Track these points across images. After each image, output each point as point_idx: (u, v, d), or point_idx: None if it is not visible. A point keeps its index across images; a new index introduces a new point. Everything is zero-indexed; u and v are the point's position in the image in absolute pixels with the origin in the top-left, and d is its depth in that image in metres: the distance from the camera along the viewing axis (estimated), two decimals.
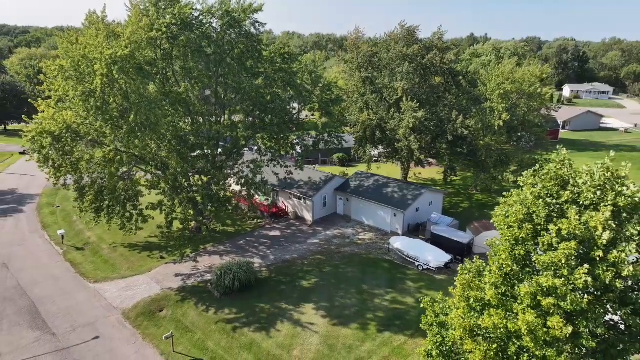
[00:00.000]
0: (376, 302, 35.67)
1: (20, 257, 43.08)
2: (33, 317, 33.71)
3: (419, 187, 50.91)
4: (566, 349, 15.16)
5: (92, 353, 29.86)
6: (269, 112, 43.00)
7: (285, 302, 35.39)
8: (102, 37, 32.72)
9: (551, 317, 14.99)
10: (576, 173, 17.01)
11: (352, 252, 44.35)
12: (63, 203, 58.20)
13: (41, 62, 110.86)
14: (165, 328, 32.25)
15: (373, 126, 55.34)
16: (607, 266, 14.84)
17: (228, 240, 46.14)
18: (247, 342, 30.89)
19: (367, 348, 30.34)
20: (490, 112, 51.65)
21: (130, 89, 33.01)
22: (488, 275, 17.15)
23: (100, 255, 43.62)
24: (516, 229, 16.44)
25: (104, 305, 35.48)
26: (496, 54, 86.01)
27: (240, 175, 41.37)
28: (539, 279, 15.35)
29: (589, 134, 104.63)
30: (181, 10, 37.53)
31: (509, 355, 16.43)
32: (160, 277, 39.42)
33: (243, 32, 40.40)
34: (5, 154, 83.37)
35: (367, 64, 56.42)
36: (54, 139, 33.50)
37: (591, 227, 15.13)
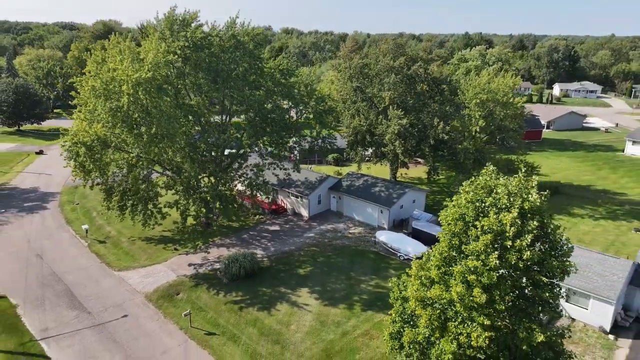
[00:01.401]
0: (362, 286, 41.69)
1: (51, 249, 49.02)
2: (70, 299, 39.72)
3: (404, 187, 56.88)
4: (485, 311, 21.09)
5: (123, 328, 35.90)
6: (269, 121, 48.78)
7: (283, 287, 41.41)
8: (128, 62, 38.41)
9: (474, 289, 20.93)
10: (498, 184, 22.79)
11: (342, 245, 50.34)
12: (82, 200, 64.05)
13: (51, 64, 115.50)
14: (182, 308, 38.24)
15: (363, 131, 61.22)
16: (513, 252, 20.79)
17: (233, 234, 52.14)
18: (251, 319, 36.92)
19: (352, 323, 36.39)
20: (469, 118, 57.47)
21: (152, 105, 38.81)
22: (433, 259, 23.10)
23: (120, 247, 49.59)
24: (453, 225, 22.36)
25: (129, 289, 41.48)
26: (482, 59, 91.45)
27: (245, 177, 47.25)
28: (466, 262, 21.28)
29: (572, 134, 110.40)
30: (193, 35, 43.24)
31: (447, 317, 22.41)
32: (175, 266, 45.40)
33: (247, 52, 46.04)
34: (22, 154, 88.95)
35: (358, 74, 62.12)
36: (87, 148, 39.31)
37: (504, 224, 21.03)
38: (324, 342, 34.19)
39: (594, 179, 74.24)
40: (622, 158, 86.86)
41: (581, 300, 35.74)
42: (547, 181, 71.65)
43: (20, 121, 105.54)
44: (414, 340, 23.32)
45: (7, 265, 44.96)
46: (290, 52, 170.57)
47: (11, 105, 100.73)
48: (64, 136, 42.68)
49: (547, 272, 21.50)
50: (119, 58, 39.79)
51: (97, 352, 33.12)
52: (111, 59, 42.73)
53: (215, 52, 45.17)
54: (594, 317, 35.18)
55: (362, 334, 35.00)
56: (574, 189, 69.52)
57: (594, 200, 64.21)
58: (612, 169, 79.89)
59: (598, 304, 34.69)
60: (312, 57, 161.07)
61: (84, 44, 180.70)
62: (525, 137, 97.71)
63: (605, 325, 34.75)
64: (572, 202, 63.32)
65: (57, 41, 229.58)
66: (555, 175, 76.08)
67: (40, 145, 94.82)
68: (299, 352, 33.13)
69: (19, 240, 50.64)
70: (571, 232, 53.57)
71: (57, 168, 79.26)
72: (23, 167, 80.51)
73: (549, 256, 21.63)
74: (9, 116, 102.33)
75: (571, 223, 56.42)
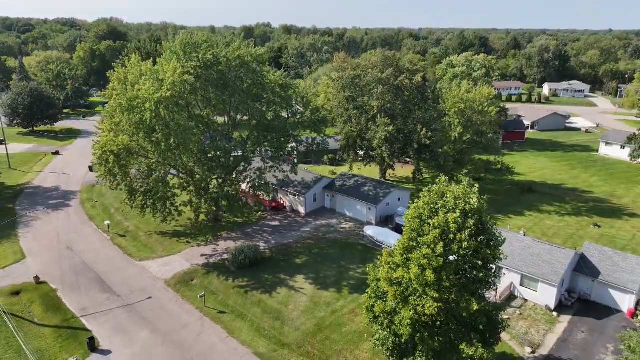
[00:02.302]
0: (350, 273, 48.62)
1: (79, 242, 55.87)
2: (101, 284, 46.63)
3: (390, 186, 63.73)
4: (435, 287, 27.90)
5: (149, 308, 42.82)
6: (270, 129, 55.48)
7: (283, 274, 48.34)
8: (150, 83, 45.02)
9: (426, 270, 27.74)
10: (447, 190, 29.52)
11: (335, 238, 57.24)
12: (100, 198, 70.81)
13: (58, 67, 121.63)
14: (197, 291, 45.10)
15: (355, 136, 67.98)
16: (456, 242, 27.60)
17: (239, 229, 59.00)
18: (256, 300, 43.84)
19: (340, 304, 43.34)
20: (449, 125, 64.20)
21: (170, 119, 45.51)
22: (398, 249, 29.92)
23: (139, 241, 56.43)
24: (412, 222, 29.15)
25: (150, 276, 48.37)
26: (468, 64, 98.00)
27: (249, 179, 54.07)
28: (421, 249, 28.10)
29: (554, 134, 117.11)
30: (204, 56, 49.84)
31: (410, 292, 29.23)
32: (189, 256, 52.27)
33: (250, 70, 52.64)
34: (39, 154, 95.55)
35: (350, 85, 68.73)
36: (115, 156, 46.03)
37: (449, 221, 27.81)
38: (316, 318, 41.16)
39: (567, 178, 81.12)
40: (595, 158, 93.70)
41: (532, 284, 42.71)
42: (522, 180, 78.73)
43: (34, 122, 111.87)
44: (384, 310, 30.18)
45: (43, 256, 51.82)
46: (289, 54, 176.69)
47: (27, 108, 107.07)
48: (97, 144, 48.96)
49: (482, 258, 28.36)
50: (142, 80, 46.38)
51: (128, 326, 40.07)
52: (132, 78, 49.38)
53: (223, 70, 51.75)
54: (541, 297, 42.18)
55: (349, 312, 41.96)
56: (546, 187, 76.38)
57: (562, 198, 71.10)
58: (585, 168, 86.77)
59: (545, 287, 41.67)
60: (310, 58, 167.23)
61: (89, 45, 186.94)
62: (509, 138, 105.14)
63: (550, 304, 41.74)
64: (543, 200, 70.18)
65: (62, 41, 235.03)
66: (532, 175, 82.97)
67: (55, 146, 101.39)
68: (295, 326, 40.09)
69: (49, 235, 57.48)
70: (537, 227, 60.59)
71: (74, 168, 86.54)
72: (42, 167, 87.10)
73: (484, 246, 28.51)
74: (24, 118, 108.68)
75: (539, 219, 63.31)
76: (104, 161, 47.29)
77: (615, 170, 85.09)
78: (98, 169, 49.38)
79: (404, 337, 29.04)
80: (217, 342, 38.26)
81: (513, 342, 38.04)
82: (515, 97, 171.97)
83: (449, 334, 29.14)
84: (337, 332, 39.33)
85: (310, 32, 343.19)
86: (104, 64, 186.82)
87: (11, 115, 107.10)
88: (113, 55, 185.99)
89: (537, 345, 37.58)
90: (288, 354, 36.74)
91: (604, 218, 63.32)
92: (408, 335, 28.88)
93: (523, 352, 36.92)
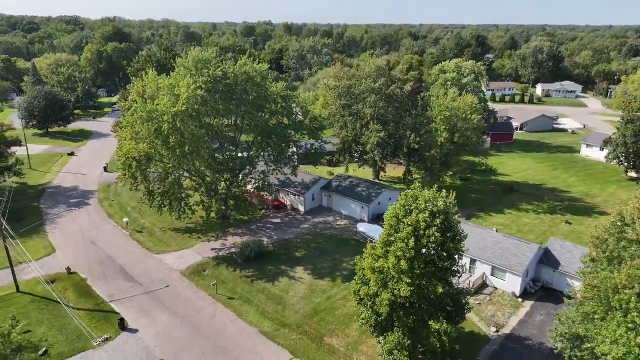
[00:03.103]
0: (343, 265, 54.95)
1: (101, 237, 62.28)
2: (124, 274, 53.05)
3: (381, 187, 70.00)
4: (408, 274, 34.15)
5: (168, 294, 49.24)
6: (272, 136, 61.69)
7: (284, 265, 54.71)
8: (167, 98, 51.23)
9: (401, 260, 34.02)
10: (420, 194, 35.73)
11: (331, 234, 63.57)
12: (116, 197, 77.17)
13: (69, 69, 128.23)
14: (208, 280, 51.46)
15: (350, 140, 74.19)
16: (425, 238, 33.88)
17: (244, 225, 65.36)
18: (260, 288, 50.23)
19: (334, 291, 49.71)
20: (435, 131, 70.37)
21: (185, 129, 51.78)
22: (379, 243, 36.22)
23: (155, 236, 62.81)
24: (390, 220, 35.41)
25: (167, 268, 54.77)
26: (457, 70, 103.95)
27: (254, 181, 60.38)
28: (397, 243, 34.38)
29: (542, 135, 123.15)
30: (214, 73, 56.01)
31: (388, 278, 35.51)
32: (200, 250, 58.65)
33: (255, 84, 58.78)
34: (56, 155, 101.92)
35: (346, 93, 74.84)
36: (137, 162, 52.35)
37: (419, 220, 34.05)
38: (313, 303, 47.56)
39: (548, 178, 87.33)
40: (577, 159, 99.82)
41: (500, 274, 49.05)
42: (505, 180, 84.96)
43: (48, 124, 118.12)
44: (367, 293, 36.50)
45: (71, 250, 58.26)
46: (290, 55, 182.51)
47: (41, 110, 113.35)
48: (119, 151, 55.20)
49: (447, 250, 34.67)
50: (160, 95, 52.60)
51: (151, 310, 46.50)
52: (150, 91, 55.60)
53: (230, 84, 57.93)
54: (508, 285, 48.53)
55: (341, 298, 48.34)
56: (528, 187, 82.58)
57: (541, 197, 77.31)
58: (566, 169, 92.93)
59: (511, 276, 48.02)
60: (310, 60, 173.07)
61: (96, 46, 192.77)
62: (497, 139, 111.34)
63: (516, 291, 48.10)
64: (523, 199, 76.39)
65: (68, 41, 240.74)
66: (516, 175, 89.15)
67: (70, 147, 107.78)
68: (295, 310, 46.50)
69: (74, 231, 63.92)
70: (515, 224, 66.85)
71: (90, 168, 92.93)
72: (59, 168, 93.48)
73: (449, 240, 34.80)
74: (39, 120, 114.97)
75: (517, 216, 69.55)
76: (127, 166, 53.66)
77: (593, 170, 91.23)
78: (121, 172, 55.60)
79: (383, 315, 35.40)
80: (228, 323, 44.68)
81: (481, 323, 44.43)
82: (509, 98, 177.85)
83: (420, 313, 35.49)
84: (331, 315, 45.73)
85: (310, 31, 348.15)
86: (110, 65, 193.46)
87: (27, 117, 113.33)
88: (119, 57, 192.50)
89: (501, 326, 43.97)
90: (288, 333, 43.17)
91: (576, 216, 69.57)
92: (387, 313, 35.24)
93: (489, 331, 43.30)
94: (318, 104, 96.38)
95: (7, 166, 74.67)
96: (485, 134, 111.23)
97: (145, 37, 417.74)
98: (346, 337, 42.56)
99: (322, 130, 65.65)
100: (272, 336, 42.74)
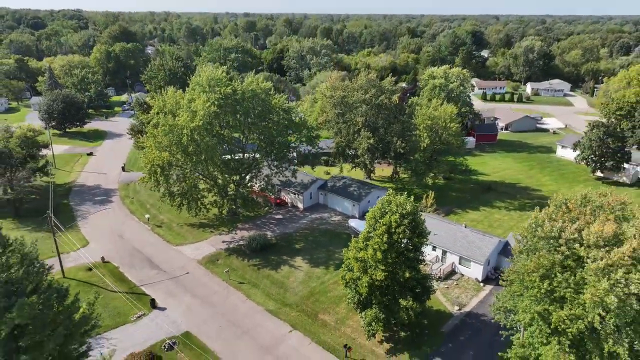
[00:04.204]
0: (336, 256, 64.47)
1: (127, 231, 71.86)
2: (150, 263, 62.71)
3: (370, 187, 79.42)
4: (383, 262, 43.60)
5: (188, 280, 58.89)
6: (275, 144, 71.00)
7: (285, 256, 64.30)
8: (186, 115, 60.51)
9: (377, 252, 43.50)
10: (393, 200, 45.09)
11: (326, 229, 73.07)
12: (135, 195, 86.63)
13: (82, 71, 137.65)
14: (222, 268, 61.07)
15: (343, 145, 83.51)
16: (396, 234, 43.33)
17: (251, 221, 74.90)
18: (266, 274, 59.87)
19: (327, 277, 59.34)
20: (419, 137, 79.59)
21: (200, 140, 61.12)
22: (361, 237, 45.68)
23: (173, 230, 72.38)
24: (370, 220, 44.84)
25: (185, 258, 64.37)
26: (445, 76, 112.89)
27: (259, 183, 69.89)
28: (374, 239, 43.84)
29: (525, 135, 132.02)
30: (225, 91, 65.19)
31: (367, 266, 45.03)
32: (213, 242, 68.22)
33: (260, 99, 67.92)
34: (76, 155, 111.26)
35: (340, 103, 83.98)
36: (161, 168, 61.82)
37: (391, 221, 43.47)
38: (310, 287, 57.22)
39: (523, 178, 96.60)
40: (552, 159, 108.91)
41: (466, 263, 58.61)
42: (484, 180, 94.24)
43: (66, 125, 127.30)
44: (352, 278, 46.07)
45: (104, 243, 67.87)
46: (291, 56, 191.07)
47: (60, 113, 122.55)
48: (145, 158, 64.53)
49: (413, 244, 44.16)
50: (179, 111, 61.90)
51: (176, 292, 56.17)
52: (169, 107, 64.91)
53: (239, 99, 67.10)
54: (473, 272, 58.12)
55: (333, 283, 57.95)
56: (504, 186, 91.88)
57: (514, 195, 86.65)
58: (541, 169, 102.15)
59: (475, 265, 57.59)
60: (310, 61, 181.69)
61: (105, 47, 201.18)
62: (482, 140, 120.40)
63: (478, 277, 57.70)
64: (498, 197, 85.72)
65: (77, 39, 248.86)
66: (495, 174, 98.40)
67: (88, 147, 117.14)
68: (294, 292, 56.15)
69: (103, 226, 73.50)
70: (487, 220, 76.25)
71: (109, 168, 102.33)
72: (81, 167, 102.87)
73: (415, 236, 44.26)
74: (58, 121, 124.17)
75: (490, 213, 78.96)
76: (153, 172, 63.14)
77: (565, 170, 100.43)
78: (147, 177, 65.12)
79: (364, 295, 45.04)
80: (239, 303, 54.38)
81: (447, 303, 54.08)
82: (499, 97, 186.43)
83: (392, 293, 45.08)
84: (324, 296, 55.41)
85: (310, 28, 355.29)
86: (118, 64, 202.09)
87: (47, 119, 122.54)
88: (127, 56, 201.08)
89: (464, 305, 53.63)
90: (289, 310, 52.87)
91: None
92: (366, 293, 44.86)
93: (453, 310, 52.96)
94: (317, 106, 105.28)
95: (39, 167, 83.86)
96: (471, 135, 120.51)
97: (147, 31, 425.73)
98: (336, 314, 52.26)
99: (318, 139, 74.85)
100: (276, 313, 52.43)
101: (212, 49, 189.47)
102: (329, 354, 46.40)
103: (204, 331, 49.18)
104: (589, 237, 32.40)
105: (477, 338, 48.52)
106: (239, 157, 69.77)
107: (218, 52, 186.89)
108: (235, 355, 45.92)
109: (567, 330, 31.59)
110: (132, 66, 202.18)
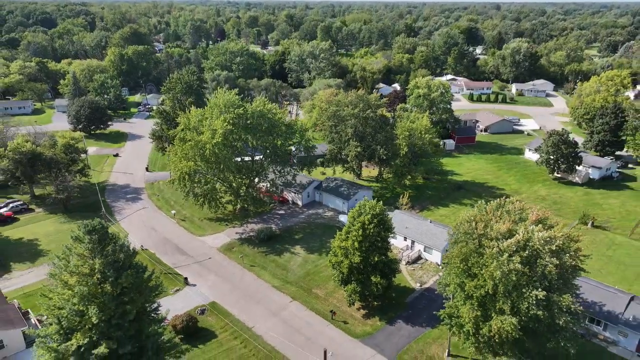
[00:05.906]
0: (327, 245, 79.89)
1: (157, 224, 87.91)
2: (179, 250, 78.85)
3: (358, 187, 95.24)
4: (359, 250, 59.42)
5: (211, 263, 75.04)
6: (279, 153, 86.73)
7: (287, 244, 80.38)
8: (208, 133, 76.13)
9: (355, 242, 59.32)
10: (367, 204, 60.80)
11: (321, 222, 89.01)
12: (160, 193, 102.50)
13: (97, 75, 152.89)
14: (237, 254, 77.14)
15: (335, 152, 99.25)
16: (369, 230, 59.17)
17: (258, 216, 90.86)
18: (272, 260, 76.00)
19: (320, 262, 75.44)
20: (398, 145, 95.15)
21: (219, 152, 76.90)
22: (343, 231, 61.54)
23: (195, 224, 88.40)
24: (351, 220, 60.64)
25: (207, 246, 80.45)
26: (428, 87, 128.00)
27: (265, 184, 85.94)
28: (352, 232, 59.66)
29: (502, 137, 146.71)
30: (237, 111, 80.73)
31: (348, 252, 60.90)
32: (229, 234, 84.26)
33: (267, 119, 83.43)
34: (104, 156, 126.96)
35: (333, 116, 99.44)
36: (188, 175, 77.75)
37: (365, 219, 59.25)
38: (306, 269, 73.38)
39: (491, 178, 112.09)
40: (520, 161, 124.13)
41: (429, 250, 74.58)
42: (456, 180, 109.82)
43: (91, 127, 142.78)
44: (337, 261, 62.08)
45: (139, 233, 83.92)
46: (292, 59, 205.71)
47: (87, 117, 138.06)
48: (174, 166, 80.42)
49: (382, 236, 60.05)
50: (202, 128, 77.62)
51: (202, 273, 72.35)
52: (193, 123, 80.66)
53: (248, 117, 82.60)
54: (434, 258, 74.15)
55: (324, 266, 73.95)
56: (474, 185, 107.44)
57: (480, 194, 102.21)
58: (508, 169, 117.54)
59: (435, 252, 73.58)
60: (310, 65, 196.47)
61: (118, 50, 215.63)
62: (461, 142, 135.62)
63: (438, 261, 73.69)
64: (467, 196, 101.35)
65: (89, 40, 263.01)
66: (467, 175, 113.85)
67: (113, 148, 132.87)
68: (294, 273, 72.29)
69: (136, 220, 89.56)
70: (454, 215, 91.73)
71: (134, 168, 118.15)
72: (110, 168, 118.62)
73: (383, 230, 60.14)
74: (85, 125, 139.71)
75: (457, 209, 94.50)
76: (182, 179, 79.10)
77: (528, 171, 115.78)
78: (177, 183, 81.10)
79: (345, 274, 61.09)
80: (251, 281, 70.59)
81: (412, 281, 70.18)
82: (485, 97, 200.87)
83: (366, 272, 61.04)
84: (317, 276, 71.59)
85: (310, 26, 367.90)
86: (131, 66, 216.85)
87: (76, 123, 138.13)
88: (139, 58, 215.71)
89: (424, 283, 69.72)
90: (290, 286, 69.05)
91: None
92: (347, 273, 60.91)
93: (415, 286, 69.08)
94: (315, 111, 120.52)
95: (79, 169, 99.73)
96: (451, 137, 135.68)
97: (152, 24, 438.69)
98: (326, 289, 68.46)
99: (314, 148, 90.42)
100: (280, 288, 68.61)
101: (218, 52, 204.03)
102: (320, 317, 62.62)
103: (226, 301, 65.45)
104: (491, 233, 48.26)
105: (431, 305, 64.68)
106: (249, 162, 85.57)
107: (224, 55, 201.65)
108: (250, 317, 62.22)
109: (474, 295, 47.58)
110: (144, 67, 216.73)
